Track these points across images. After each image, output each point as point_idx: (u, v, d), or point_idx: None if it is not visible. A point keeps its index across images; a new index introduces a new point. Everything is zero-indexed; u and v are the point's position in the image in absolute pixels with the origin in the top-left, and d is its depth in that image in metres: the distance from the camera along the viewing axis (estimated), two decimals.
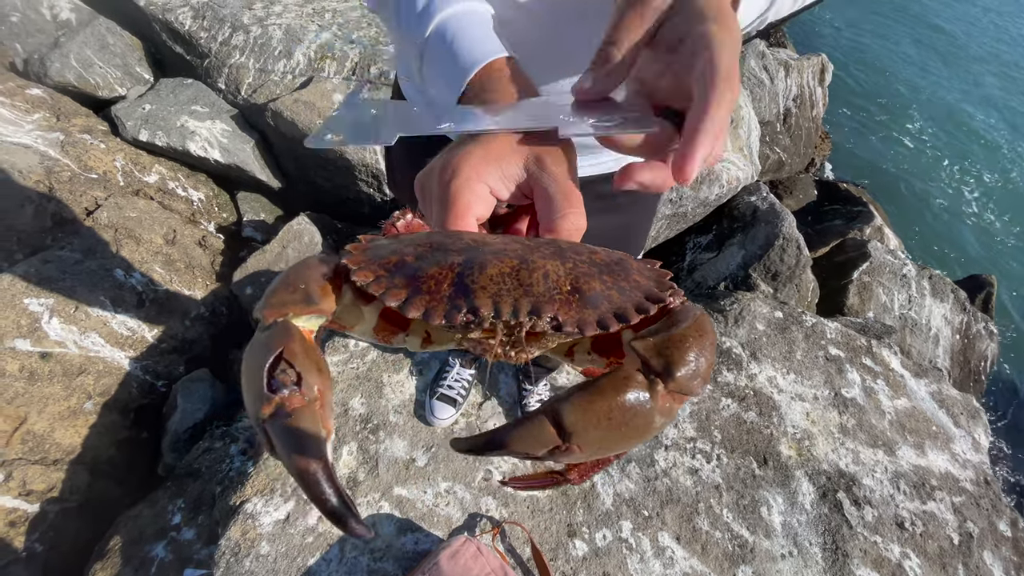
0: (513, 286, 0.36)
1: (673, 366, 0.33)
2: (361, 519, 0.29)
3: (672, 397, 0.34)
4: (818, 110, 4.40)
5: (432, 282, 0.37)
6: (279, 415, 0.30)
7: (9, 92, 2.32)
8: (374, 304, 0.42)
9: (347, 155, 2.40)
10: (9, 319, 1.74)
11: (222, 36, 2.60)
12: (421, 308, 0.36)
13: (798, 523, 1.75)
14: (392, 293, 0.37)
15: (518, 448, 0.33)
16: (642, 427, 0.33)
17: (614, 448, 0.34)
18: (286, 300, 0.36)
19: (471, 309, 0.35)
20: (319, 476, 0.29)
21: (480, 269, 0.37)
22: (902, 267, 3.10)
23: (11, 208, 1.96)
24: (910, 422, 2.10)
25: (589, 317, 0.36)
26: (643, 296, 0.38)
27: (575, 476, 0.48)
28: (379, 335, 0.43)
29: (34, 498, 1.63)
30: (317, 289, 0.37)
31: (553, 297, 0.36)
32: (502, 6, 0.72)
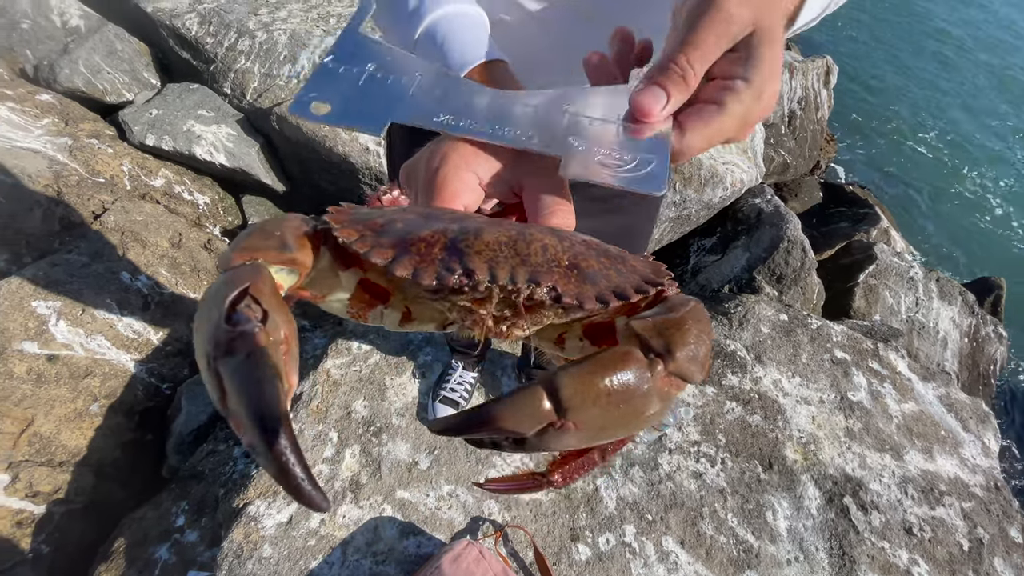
0: (510, 254, 0.34)
1: (674, 347, 0.31)
2: (321, 488, 0.25)
3: (671, 381, 0.32)
4: (823, 112, 4.38)
5: (423, 244, 0.34)
6: (236, 351, 0.26)
7: (19, 98, 2.35)
8: (353, 271, 0.39)
9: (351, 158, 2.42)
10: (17, 321, 1.76)
11: (228, 41, 2.63)
12: (410, 268, 0.33)
13: (804, 528, 1.73)
14: (378, 251, 0.34)
15: (506, 424, 0.29)
16: (640, 409, 0.31)
17: (608, 432, 0.32)
18: (258, 245, 0.32)
19: (466, 271, 0.33)
20: (279, 430, 0.24)
21: (475, 235, 0.35)
22: (909, 269, 3.08)
23: (20, 212, 1.98)
24: (918, 426, 2.07)
25: (588, 291, 0.34)
26: (641, 280, 0.37)
27: (558, 478, 0.44)
28: (355, 307, 0.39)
29: (40, 499, 1.64)
30: (293, 240, 0.34)
31: (552, 269, 0.34)
32: (510, 11, 0.73)
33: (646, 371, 0.30)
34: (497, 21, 0.72)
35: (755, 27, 0.38)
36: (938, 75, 8.21)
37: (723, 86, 0.40)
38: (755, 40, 0.39)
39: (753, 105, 0.39)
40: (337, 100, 0.41)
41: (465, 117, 0.41)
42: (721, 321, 2.24)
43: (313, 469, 1.56)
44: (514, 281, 0.33)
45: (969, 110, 7.58)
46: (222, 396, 0.26)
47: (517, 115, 0.41)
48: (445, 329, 0.41)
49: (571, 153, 0.39)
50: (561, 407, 0.29)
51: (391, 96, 0.42)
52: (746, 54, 0.39)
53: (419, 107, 0.41)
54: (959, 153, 6.77)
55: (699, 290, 2.80)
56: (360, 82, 0.42)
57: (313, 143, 2.45)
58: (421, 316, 0.41)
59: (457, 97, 0.42)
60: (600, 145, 0.39)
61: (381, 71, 0.43)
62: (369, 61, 0.43)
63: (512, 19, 0.73)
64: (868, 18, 8.79)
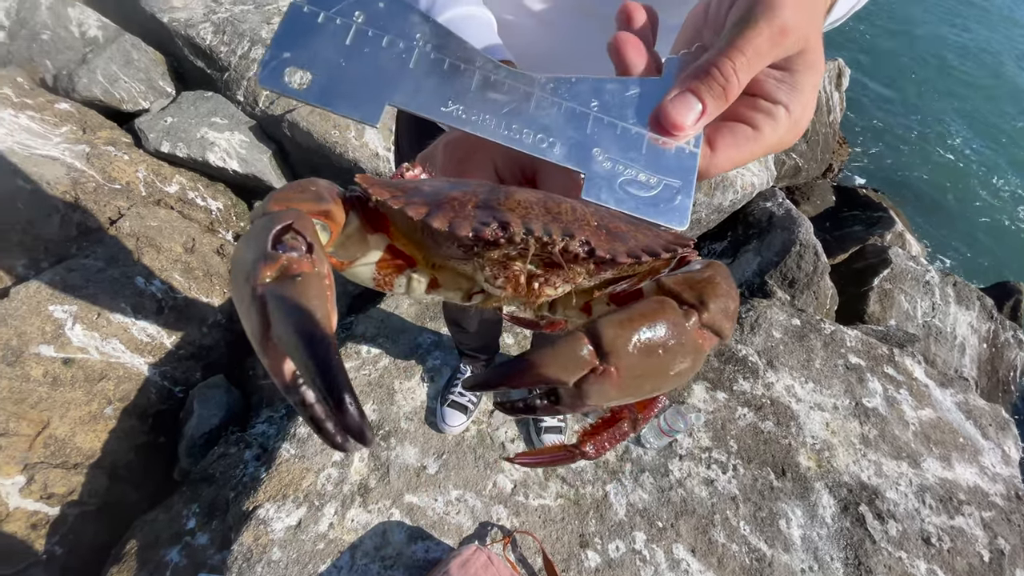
0: (541, 212, 0.35)
1: (708, 299, 0.32)
2: (368, 420, 0.24)
3: (703, 334, 0.32)
4: (835, 115, 4.34)
5: (455, 203, 0.34)
6: (283, 278, 0.25)
7: (39, 107, 2.41)
8: (381, 235, 0.39)
9: (361, 164, 2.44)
10: (34, 325, 1.79)
11: (241, 50, 2.67)
12: (446, 221, 0.32)
13: (818, 537, 1.70)
14: (412, 207, 0.33)
15: (548, 371, 0.29)
16: (674, 359, 0.30)
17: (644, 383, 0.31)
18: (294, 196, 0.32)
19: (501, 223, 0.33)
20: (329, 353, 0.23)
21: (506, 195, 0.35)
22: (925, 273, 3.03)
23: (39, 218, 2.02)
24: (935, 433, 2.03)
25: (620, 247, 0.34)
26: (667, 242, 0.37)
27: (590, 449, 0.42)
28: (382, 272, 0.39)
29: (55, 501, 1.66)
30: (328, 195, 0.33)
31: (583, 226, 0.35)
32: (514, 11, 0.73)
33: (683, 320, 0.31)
34: (503, 21, 0.73)
35: (806, 45, 0.35)
36: (953, 78, 8.11)
37: (762, 108, 0.37)
38: (801, 63, 0.36)
39: (787, 135, 0.38)
40: (319, 67, 0.34)
41: (477, 109, 0.36)
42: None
43: (322, 473, 1.57)
44: (549, 233, 0.33)
45: (984, 113, 7.46)
46: (264, 325, 0.25)
47: (537, 112, 0.37)
48: (470, 299, 0.40)
49: (595, 171, 0.36)
50: (603, 351, 0.29)
51: (387, 69, 0.35)
52: (791, 78, 0.36)
53: (423, 89, 0.35)
54: (975, 156, 6.66)
55: None
56: (347, 41, 0.35)
57: (324, 149, 2.48)
58: (447, 283, 0.40)
59: (468, 77, 0.36)
60: (625, 161, 0.37)
61: (372, 25, 0.35)
62: (355, 7, 0.35)
63: (517, 19, 0.73)
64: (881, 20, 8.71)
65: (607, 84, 0.38)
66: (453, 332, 1.69)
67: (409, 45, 0.36)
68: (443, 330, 2.01)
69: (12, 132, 2.21)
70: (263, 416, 1.88)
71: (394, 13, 0.36)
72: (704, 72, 0.35)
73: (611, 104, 0.38)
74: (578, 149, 0.37)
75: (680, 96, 0.36)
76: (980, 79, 8.27)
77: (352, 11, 0.35)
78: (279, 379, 0.26)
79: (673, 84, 0.37)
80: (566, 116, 0.37)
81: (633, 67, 0.39)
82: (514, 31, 0.73)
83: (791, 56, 0.36)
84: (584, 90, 0.38)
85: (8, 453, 1.62)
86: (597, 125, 0.37)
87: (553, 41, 0.75)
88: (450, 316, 1.57)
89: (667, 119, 0.36)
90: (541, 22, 0.73)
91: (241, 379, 2.13)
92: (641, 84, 0.38)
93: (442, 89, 0.36)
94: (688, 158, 0.38)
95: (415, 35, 0.36)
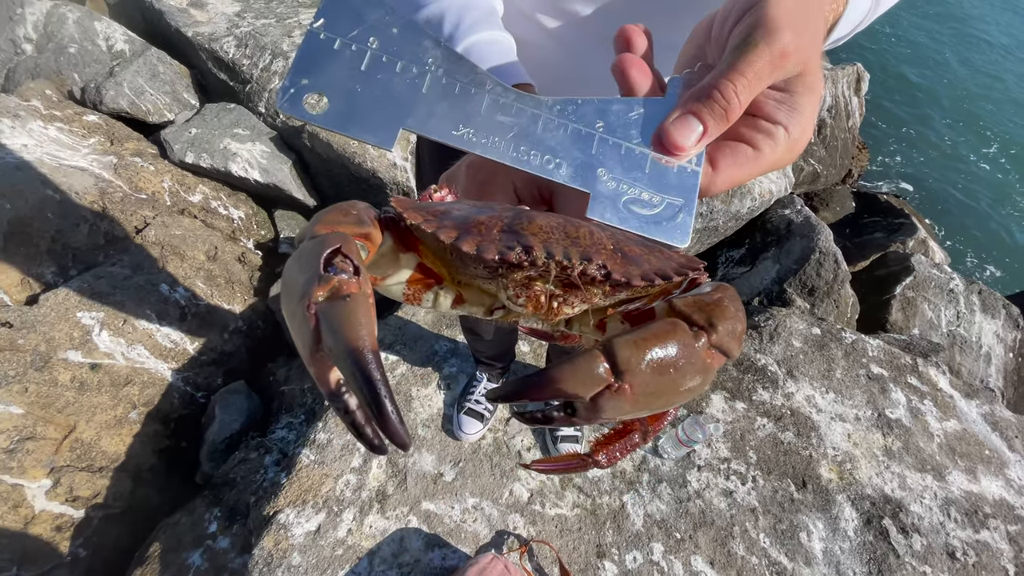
0: (561, 236, 0.37)
1: (716, 321, 0.34)
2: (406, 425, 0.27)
3: (712, 354, 0.34)
4: (854, 120, 4.29)
5: (482, 227, 0.37)
6: (335, 297, 0.28)
7: (67, 119, 2.48)
8: (411, 254, 0.42)
9: (379, 174, 2.47)
10: (63, 331, 1.84)
11: (263, 63, 2.73)
12: (474, 244, 0.35)
13: (840, 551, 1.67)
14: (444, 231, 0.36)
15: (566, 386, 0.31)
16: (684, 377, 0.32)
17: (656, 400, 0.33)
18: (339, 220, 0.35)
19: (525, 248, 0.35)
20: (374, 365, 0.26)
21: (529, 220, 0.38)
22: (949, 281, 2.97)
23: (68, 227, 2.08)
24: (960, 445, 1.99)
25: (634, 271, 0.37)
26: (678, 266, 0.39)
27: (602, 459, 0.45)
28: (412, 288, 0.42)
29: (80, 504, 1.70)
30: (367, 218, 0.36)
31: (600, 250, 0.37)
32: (529, 29, 0.74)
33: (693, 341, 0.33)
34: (524, 40, 0.74)
35: (805, 67, 0.36)
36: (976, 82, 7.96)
37: (762, 128, 0.38)
38: (800, 85, 0.37)
39: (786, 155, 0.39)
40: (336, 92, 0.35)
41: (487, 132, 0.37)
42: (751, 335, 2.19)
43: (341, 479, 1.58)
44: (568, 258, 0.36)
45: (1009, 118, 7.31)
46: (316, 340, 0.28)
47: (544, 135, 0.38)
48: (492, 314, 0.42)
49: (599, 191, 0.38)
50: (618, 369, 0.31)
51: (401, 94, 0.36)
52: (790, 99, 0.37)
53: (435, 113, 0.37)
54: (999, 162, 6.53)
55: None
56: (362, 67, 0.36)
57: (343, 159, 2.51)
58: (472, 299, 0.43)
59: (478, 100, 0.38)
60: (629, 180, 0.38)
61: (386, 51, 0.36)
62: (370, 33, 0.36)
63: (538, 39, 0.74)
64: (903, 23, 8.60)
65: (612, 105, 0.39)
66: (469, 340, 1.70)
67: (422, 70, 0.37)
68: (459, 337, 2.02)
69: (42, 143, 2.28)
70: (283, 422, 1.90)
71: (407, 39, 0.37)
72: (706, 94, 0.36)
73: (616, 124, 0.39)
74: (583, 169, 0.38)
75: (681, 117, 0.37)
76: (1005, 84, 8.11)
77: (367, 37, 0.36)
78: (325, 387, 0.29)
79: (676, 104, 0.39)
80: (572, 137, 0.38)
81: (637, 87, 0.40)
82: (535, 50, 0.74)
83: (791, 78, 0.37)
84: (590, 111, 0.39)
85: (35, 456, 1.66)
86: (602, 145, 0.39)
87: (572, 60, 0.76)
88: (466, 324, 1.58)
89: (669, 140, 0.38)
90: (561, 42, 0.74)
91: (261, 385, 2.16)
92: (645, 104, 0.39)
93: (453, 113, 0.37)
94: (690, 177, 0.39)
95: (427, 60, 0.37)
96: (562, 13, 0.72)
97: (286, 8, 3.03)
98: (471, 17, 0.56)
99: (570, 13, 0.71)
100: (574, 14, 0.71)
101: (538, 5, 0.72)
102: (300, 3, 3.09)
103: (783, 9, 0.35)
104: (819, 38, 0.38)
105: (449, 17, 0.56)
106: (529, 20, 0.74)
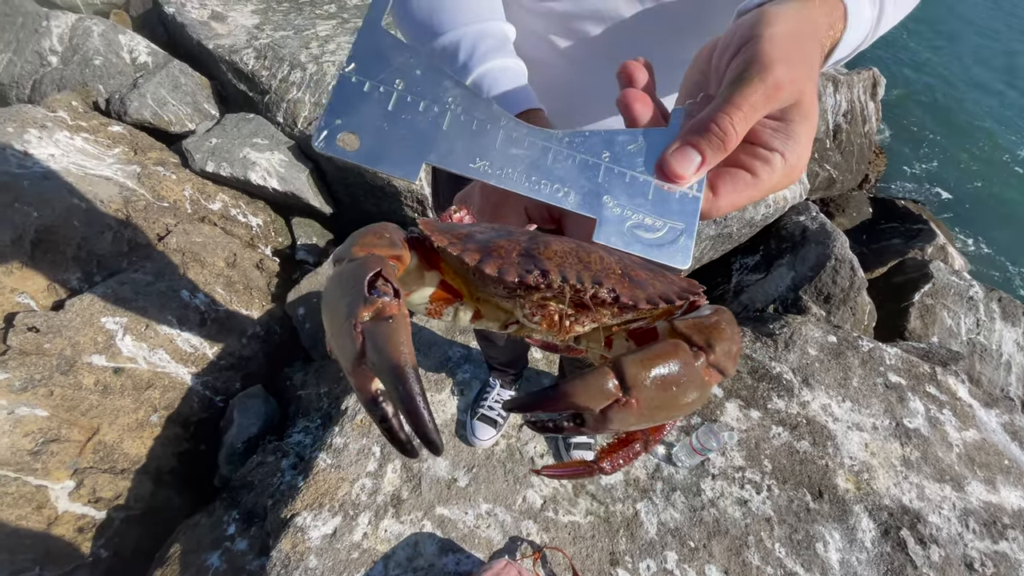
0: (574, 261, 0.40)
1: (714, 342, 0.37)
2: (440, 433, 0.31)
3: (710, 372, 0.37)
4: (871, 125, 4.25)
5: (502, 251, 0.40)
6: (379, 318, 0.31)
7: (93, 129, 2.55)
8: (435, 272, 0.45)
9: (394, 182, 2.50)
10: (88, 336, 1.89)
11: (281, 74, 2.78)
12: (495, 267, 0.39)
13: (857, 561, 1.65)
14: (468, 254, 0.40)
15: (578, 399, 0.34)
16: (685, 393, 0.35)
17: (659, 413, 0.36)
18: (374, 242, 0.38)
19: (542, 271, 0.39)
20: (414, 379, 0.30)
21: (545, 245, 0.41)
22: (968, 288, 2.92)
23: (93, 235, 2.14)
24: (980, 455, 1.95)
25: (640, 295, 0.40)
26: (680, 290, 0.43)
27: (607, 466, 0.48)
28: (434, 303, 0.45)
29: (102, 505, 1.74)
30: (398, 241, 0.40)
31: (609, 274, 0.40)
32: (543, 49, 0.77)
33: (693, 360, 0.36)
34: (535, 60, 0.77)
35: (800, 97, 0.38)
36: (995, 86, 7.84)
37: (760, 156, 0.40)
38: (795, 114, 0.39)
39: (783, 180, 0.41)
40: (366, 131, 0.38)
41: (502, 164, 0.40)
42: (766, 342, 2.18)
43: (356, 483, 1.60)
44: (581, 282, 0.39)
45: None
46: (360, 355, 0.31)
47: (554, 165, 0.41)
48: (506, 328, 0.46)
49: (605, 216, 0.40)
50: (626, 384, 0.34)
51: (424, 131, 0.39)
52: (786, 128, 0.39)
53: (454, 148, 0.40)
54: (1019, 168, 6.41)
55: (742, 310, 2.74)
56: (389, 107, 0.39)
57: (359, 168, 2.55)
58: (489, 315, 0.46)
59: (493, 135, 0.41)
60: (633, 206, 0.41)
61: (410, 92, 0.39)
62: (396, 75, 0.39)
63: (546, 57, 0.77)
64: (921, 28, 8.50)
65: (618, 136, 0.42)
66: (483, 346, 1.72)
67: (443, 108, 0.40)
68: (472, 344, 2.03)
69: (68, 153, 2.35)
70: (299, 426, 1.93)
71: (429, 79, 0.40)
72: (704, 127, 0.39)
73: (621, 154, 0.42)
74: (590, 197, 0.41)
75: (681, 148, 0.40)
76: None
77: (394, 79, 0.39)
78: (365, 395, 0.32)
79: (676, 135, 0.41)
80: (580, 167, 0.41)
81: (640, 119, 0.43)
82: (548, 69, 0.77)
83: (786, 107, 0.39)
84: (596, 142, 0.42)
85: (60, 458, 1.71)
86: (608, 174, 0.41)
87: (583, 79, 0.79)
88: (479, 331, 1.60)
89: (669, 169, 0.40)
90: (572, 61, 0.77)
91: (278, 389, 2.19)
92: (648, 135, 0.42)
93: (471, 147, 0.40)
94: (691, 202, 0.41)
95: (447, 99, 0.40)
96: (573, 33, 0.74)
97: (304, 20, 3.10)
98: (485, 45, 0.59)
99: (581, 33, 0.74)
100: (584, 34, 0.73)
101: (550, 27, 0.75)
102: (317, 15, 3.16)
103: (777, 45, 0.37)
104: (814, 68, 0.40)
105: (464, 46, 0.58)
106: (542, 40, 0.76)
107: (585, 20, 0.72)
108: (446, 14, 0.60)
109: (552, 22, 0.74)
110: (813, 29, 0.40)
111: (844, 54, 0.47)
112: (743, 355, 2.14)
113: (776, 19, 0.38)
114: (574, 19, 0.72)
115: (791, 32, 0.38)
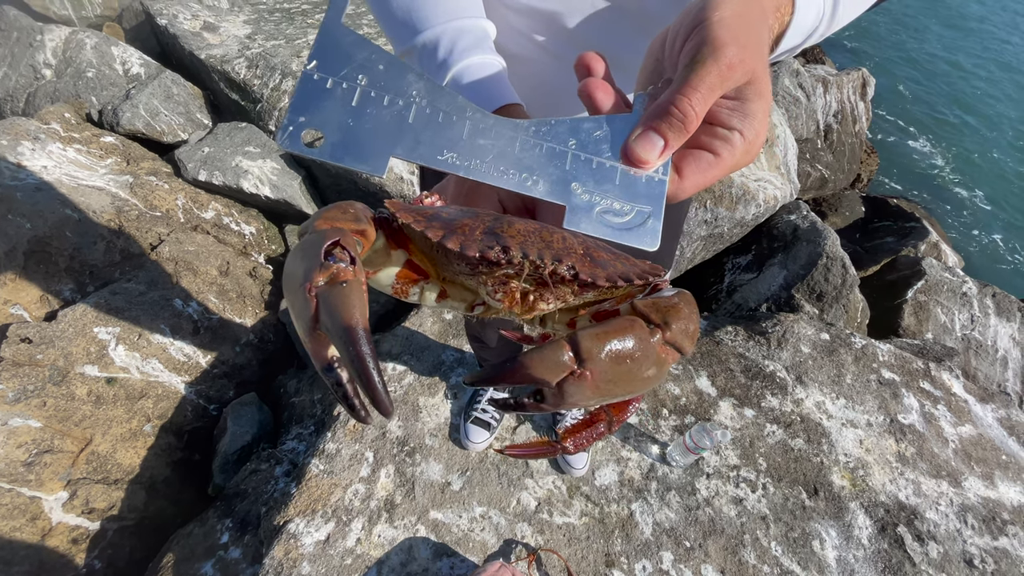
0: (537, 240, 0.41)
1: (671, 320, 0.38)
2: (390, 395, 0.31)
3: (667, 349, 0.38)
4: (861, 125, 4.28)
5: (466, 228, 0.41)
6: (334, 283, 0.31)
7: (85, 140, 2.56)
8: (402, 251, 0.46)
9: (386, 188, 2.51)
10: (80, 347, 1.88)
11: (273, 83, 2.80)
12: (457, 243, 0.39)
13: (855, 559, 1.64)
14: (432, 230, 0.41)
15: (534, 371, 0.34)
16: (641, 368, 0.36)
17: (615, 387, 0.36)
18: (337, 216, 0.38)
19: (503, 247, 0.40)
20: (364, 341, 0.30)
21: (508, 224, 0.42)
22: (962, 285, 2.93)
23: (86, 245, 2.14)
24: (976, 451, 1.95)
25: (600, 273, 0.41)
26: (642, 271, 0.44)
27: (570, 445, 0.48)
28: (400, 282, 0.45)
29: (95, 516, 1.73)
30: (364, 217, 0.40)
31: (571, 253, 0.41)
32: (524, 46, 0.78)
33: (648, 336, 0.37)
34: (515, 54, 0.77)
35: (752, 76, 0.39)
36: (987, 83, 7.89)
37: (719, 135, 0.41)
38: (750, 92, 0.40)
39: (743, 157, 0.42)
40: (330, 127, 0.38)
41: (470, 155, 0.40)
42: (759, 341, 2.18)
43: (349, 488, 1.60)
44: (541, 258, 0.40)
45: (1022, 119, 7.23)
46: (314, 319, 0.31)
47: (521, 155, 0.41)
48: (472, 310, 0.46)
49: (574, 203, 0.41)
50: (580, 357, 0.34)
51: (389, 125, 0.39)
52: (742, 106, 0.40)
53: (421, 141, 0.39)
54: (1012, 164, 6.44)
55: (735, 309, 2.74)
56: (353, 102, 0.39)
57: (351, 174, 2.56)
58: (454, 295, 0.47)
59: (460, 127, 0.40)
60: (601, 192, 0.41)
61: (374, 87, 0.39)
62: (359, 71, 0.39)
63: (528, 53, 0.78)
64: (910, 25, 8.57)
65: (583, 123, 0.42)
66: (475, 349, 1.72)
67: (407, 102, 0.40)
68: (466, 347, 2.03)
69: (60, 164, 2.36)
70: (293, 433, 1.92)
71: (392, 74, 0.40)
72: (664, 111, 0.39)
73: (587, 141, 0.42)
74: (559, 185, 0.41)
75: (644, 134, 0.41)
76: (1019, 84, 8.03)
77: (356, 75, 0.39)
78: (319, 361, 0.32)
79: (639, 121, 0.42)
80: (547, 155, 0.41)
81: (603, 106, 0.44)
82: (530, 64, 0.78)
83: (740, 87, 0.40)
84: (563, 130, 0.42)
85: (53, 469, 1.70)
86: (575, 162, 0.41)
87: (565, 73, 0.79)
88: (472, 333, 1.60)
89: (633, 155, 0.41)
90: (554, 56, 0.78)
91: (272, 397, 2.19)
92: (613, 121, 0.42)
93: (437, 140, 0.40)
94: (657, 185, 0.42)
95: (412, 92, 0.40)
96: (554, 29, 0.75)
97: (295, 29, 3.12)
98: (464, 42, 0.59)
99: (562, 28, 0.75)
100: (564, 29, 0.74)
101: (532, 25, 0.76)
102: (309, 24, 3.18)
103: (725, 27, 0.38)
104: (764, 48, 0.41)
105: (443, 42, 0.59)
106: (524, 37, 0.77)
107: (566, 16, 0.73)
108: (425, 11, 0.61)
109: (534, 19, 0.75)
110: (760, 11, 0.42)
111: (797, 40, 0.48)
112: (736, 354, 2.14)
113: (722, 3, 0.39)
114: (555, 15, 0.73)
115: (738, 14, 0.39)
